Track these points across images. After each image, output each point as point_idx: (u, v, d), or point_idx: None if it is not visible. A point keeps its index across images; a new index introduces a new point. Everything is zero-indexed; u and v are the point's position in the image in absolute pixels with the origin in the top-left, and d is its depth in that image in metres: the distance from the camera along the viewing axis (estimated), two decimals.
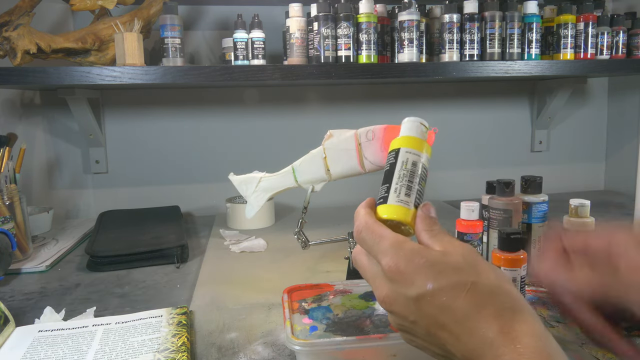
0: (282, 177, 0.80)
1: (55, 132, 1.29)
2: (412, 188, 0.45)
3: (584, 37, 1.18)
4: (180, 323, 0.64)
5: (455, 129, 1.44)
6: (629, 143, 1.48)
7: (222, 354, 0.59)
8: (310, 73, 1.05)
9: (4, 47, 0.98)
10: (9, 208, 0.93)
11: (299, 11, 1.08)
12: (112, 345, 0.59)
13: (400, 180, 0.45)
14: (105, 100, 1.30)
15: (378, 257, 0.40)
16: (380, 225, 0.42)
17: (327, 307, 0.60)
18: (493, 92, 1.47)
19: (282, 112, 1.37)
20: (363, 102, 1.41)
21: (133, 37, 0.98)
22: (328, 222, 1.17)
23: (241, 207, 1.14)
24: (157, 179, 1.34)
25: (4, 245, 0.83)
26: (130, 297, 0.78)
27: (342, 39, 1.06)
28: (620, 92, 1.50)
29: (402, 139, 0.48)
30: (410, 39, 1.07)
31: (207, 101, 1.34)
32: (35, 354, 0.58)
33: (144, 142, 1.32)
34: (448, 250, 0.39)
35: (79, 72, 0.97)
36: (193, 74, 1.00)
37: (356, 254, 0.45)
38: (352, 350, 0.52)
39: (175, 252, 0.93)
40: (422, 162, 0.46)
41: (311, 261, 0.92)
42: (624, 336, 0.44)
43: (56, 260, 0.96)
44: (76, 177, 1.31)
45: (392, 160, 0.47)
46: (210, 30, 1.30)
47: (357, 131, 0.76)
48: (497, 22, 1.12)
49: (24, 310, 0.73)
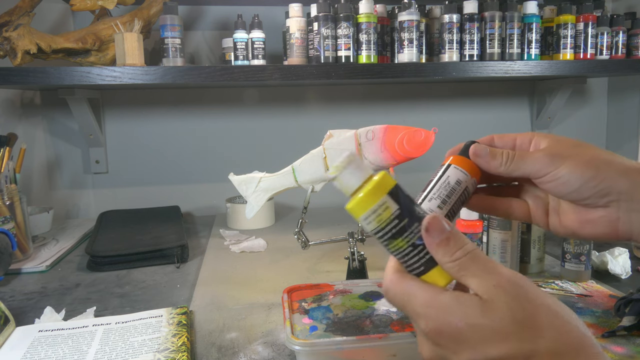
0: (282, 177, 0.81)
1: (55, 132, 1.29)
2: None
3: (584, 37, 1.18)
4: (180, 323, 0.64)
5: (455, 129, 1.44)
6: (628, 143, 1.48)
7: (222, 354, 0.59)
8: (310, 73, 1.05)
9: (4, 47, 0.98)
10: (9, 208, 0.93)
11: (299, 11, 1.08)
12: (112, 345, 0.59)
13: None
14: (105, 100, 1.30)
15: (413, 319, 0.36)
16: (407, 281, 0.36)
17: (327, 307, 0.60)
18: (493, 92, 1.47)
19: (282, 112, 1.37)
20: (363, 102, 1.41)
21: (133, 37, 0.99)
22: (328, 222, 1.17)
23: (241, 207, 1.14)
24: (157, 179, 1.34)
25: (4, 245, 0.83)
26: (130, 297, 0.78)
27: (342, 39, 1.06)
28: (620, 92, 1.50)
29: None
30: (410, 39, 1.07)
31: (207, 101, 1.34)
32: (35, 354, 0.58)
33: (144, 142, 1.33)
34: (489, 298, 0.33)
35: (79, 72, 0.97)
36: (193, 74, 1.01)
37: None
38: (352, 350, 0.52)
39: (175, 252, 0.93)
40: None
41: (311, 261, 0.92)
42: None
43: (56, 260, 0.96)
44: (76, 177, 1.31)
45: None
46: (210, 30, 1.30)
47: (357, 131, 0.77)
48: (496, 22, 1.12)
49: (24, 310, 0.73)
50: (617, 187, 0.40)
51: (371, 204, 0.35)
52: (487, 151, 0.44)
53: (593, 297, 0.72)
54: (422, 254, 0.36)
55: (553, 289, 0.75)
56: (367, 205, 0.35)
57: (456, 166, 0.45)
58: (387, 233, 0.36)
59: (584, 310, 0.68)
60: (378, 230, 0.36)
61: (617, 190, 0.40)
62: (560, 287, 0.76)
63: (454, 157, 0.46)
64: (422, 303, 0.35)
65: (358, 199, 0.35)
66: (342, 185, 0.36)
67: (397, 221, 0.36)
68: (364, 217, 0.36)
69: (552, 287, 0.76)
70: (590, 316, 0.66)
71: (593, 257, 0.82)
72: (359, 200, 0.35)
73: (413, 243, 0.36)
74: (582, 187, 0.40)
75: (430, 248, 0.36)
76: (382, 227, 0.36)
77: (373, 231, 0.36)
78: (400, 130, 0.74)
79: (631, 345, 0.58)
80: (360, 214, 0.36)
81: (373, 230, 0.36)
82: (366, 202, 0.35)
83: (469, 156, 0.45)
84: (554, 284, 0.77)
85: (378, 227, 0.36)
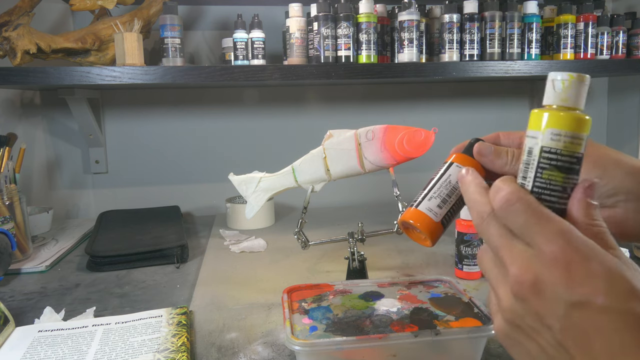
0: (282, 177, 0.81)
1: (55, 132, 1.29)
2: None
3: (584, 37, 1.18)
4: (180, 323, 0.64)
5: (455, 129, 1.44)
6: (629, 143, 1.48)
7: (222, 354, 0.59)
8: (310, 73, 1.05)
9: (3, 47, 0.98)
10: (9, 208, 0.93)
11: (299, 11, 1.08)
12: (112, 345, 0.59)
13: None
14: (105, 100, 1.30)
15: (537, 240, 0.33)
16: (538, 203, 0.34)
17: (327, 307, 0.60)
18: (493, 92, 1.47)
19: (282, 112, 1.37)
20: (363, 102, 1.41)
21: (133, 37, 0.98)
22: (328, 222, 1.17)
23: (241, 207, 1.14)
24: (157, 179, 1.34)
25: (4, 245, 0.83)
26: (130, 297, 0.78)
27: (342, 39, 1.06)
28: (620, 92, 1.50)
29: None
30: (410, 39, 1.07)
31: (207, 101, 1.34)
32: (35, 354, 0.58)
33: (144, 142, 1.32)
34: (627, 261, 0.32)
35: (79, 72, 0.97)
36: (193, 74, 1.00)
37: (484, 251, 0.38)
38: (352, 350, 0.52)
39: (175, 252, 0.93)
40: None
41: (311, 261, 0.92)
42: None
43: (56, 260, 0.96)
44: (76, 177, 1.31)
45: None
46: (210, 30, 1.30)
47: (357, 131, 0.77)
48: (497, 22, 1.12)
49: (23, 310, 0.73)
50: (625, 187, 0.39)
51: (577, 130, 0.35)
52: (491, 150, 0.43)
53: None
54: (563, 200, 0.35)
55: None
56: (576, 127, 0.35)
57: (458, 164, 0.44)
58: (561, 161, 0.35)
59: None
60: (558, 152, 0.35)
61: (625, 190, 0.39)
62: None
63: (457, 155, 0.45)
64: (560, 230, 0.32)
65: (570, 115, 0.35)
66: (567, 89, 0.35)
67: (575, 160, 0.35)
68: (560, 132, 0.35)
69: None
70: None
71: None
72: (570, 116, 0.35)
73: (564, 186, 0.35)
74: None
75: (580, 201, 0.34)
76: (565, 153, 0.35)
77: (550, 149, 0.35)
78: (400, 130, 0.74)
79: None
80: (561, 127, 0.35)
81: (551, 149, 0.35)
82: (574, 123, 0.35)
83: (473, 155, 0.44)
84: None
85: (561, 149, 0.35)
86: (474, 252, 0.78)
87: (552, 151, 0.35)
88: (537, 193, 0.36)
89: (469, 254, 0.78)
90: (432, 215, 0.44)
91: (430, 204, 0.44)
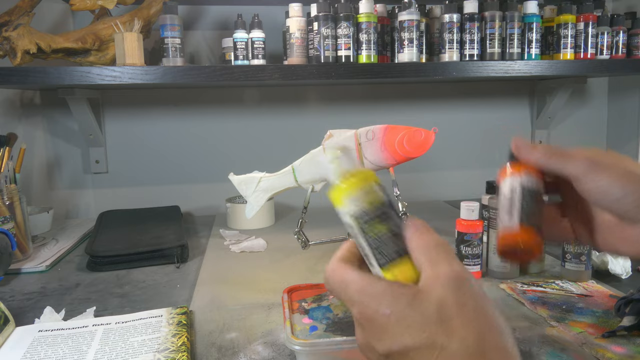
0: (282, 177, 0.81)
1: (55, 132, 1.29)
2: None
3: (584, 37, 1.18)
4: (180, 323, 0.64)
5: (455, 129, 1.44)
6: (629, 143, 1.48)
7: (222, 354, 0.59)
8: (310, 73, 1.05)
9: (4, 47, 0.98)
10: (9, 208, 0.93)
11: (299, 11, 1.08)
12: (112, 345, 0.59)
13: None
14: (105, 100, 1.30)
15: (348, 306, 0.37)
16: (346, 269, 0.37)
17: (327, 307, 0.60)
18: (493, 92, 1.47)
19: (282, 112, 1.37)
20: (363, 102, 1.41)
21: (133, 37, 0.98)
22: (328, 222, 1.17)
23: (241, 207, 1.14)
24: (157, 179, 1.34)
25: (4, 245, 0.83)
26: (130, 297, 0.78)
27: (342, 39, 1.06)
28: (620, 92, 1.50)
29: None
30: (410, 39, 1.07)
31: (207, 101, 1.34)
32: (35, 354, 0.58)
33: (144, 142, 1.32)
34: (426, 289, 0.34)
35: (79, 72, 0.97)
36: (193, 74, 1.01)
37: None
38: (352, 350, 0.52)
39: (175, 252, 0.93)
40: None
41: (311, 261, 0.92)
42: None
43: (56, 260, 0.96)
44: (76, 177, 1.31)
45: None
46: (210, 30, 1.30)
47: (357, 131, 0.77)
48: (497, 22, 1.12)
49: (24, 310, 0.73)
50: None
51: (363, 187, 0.38)
52: (527, 142, 0.44)
53: (593, 297, 0.72)
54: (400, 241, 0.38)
55: (553, 289, 0.75)
56: (360, 186, 0.38)
57: (504, 178, 0.45)
58: (374, 216, 0.37)
59: (584, 311, 0.68)
60: (365, 212, 0.37)
61: None
62: (560, 287, 0.76)
63: (501, 171, 0.46)
64: (357, 290, 0.36)
65: (351, 180, 0.38)
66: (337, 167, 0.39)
67: (385, 207, 0.38)
68: (354, 198, 0.38)
69: (553, 287, 0.76)
70: (590, 316, 0.66)
71: (593, 257, 0.82)
72: (351, 182, 0.38)
73: (392, 230, 0.37)
74: (622, 199, 0.40)
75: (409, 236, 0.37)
76: (371, 209, 0.38)
77: (358, 212, 0.38)
78: (400, 130, 0.74)
79: (631, 345, 0.58)
80: (351, 194, 0.38)
81: (358, 212, 0.38)
82: (358, 184, 0.38)
83: (513, 153, 0.45)
84: (554, 284, 0.77)
85: (367, 208, 0.37)
86: (474, 252, 0.78)
87: (361, 213, 0.38)
88: (376, 250, 0.37)
89: (469, 254, 0.78)
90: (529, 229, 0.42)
91: (511, 222, 0.43)
